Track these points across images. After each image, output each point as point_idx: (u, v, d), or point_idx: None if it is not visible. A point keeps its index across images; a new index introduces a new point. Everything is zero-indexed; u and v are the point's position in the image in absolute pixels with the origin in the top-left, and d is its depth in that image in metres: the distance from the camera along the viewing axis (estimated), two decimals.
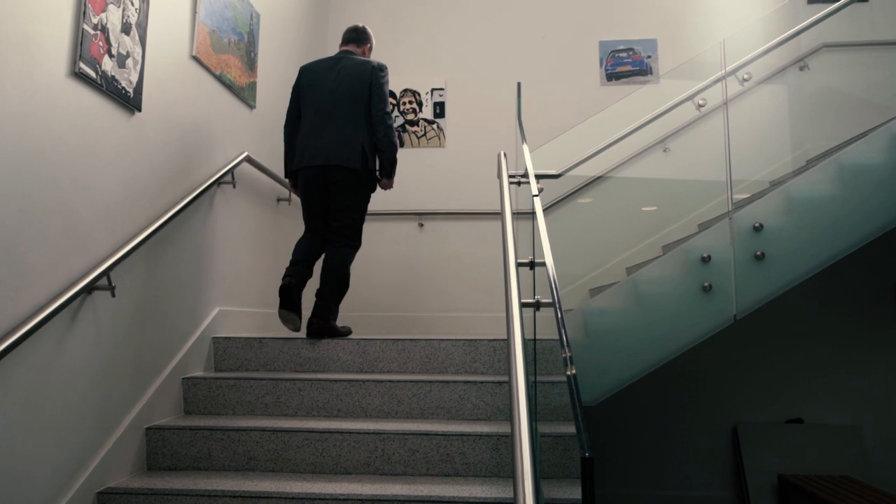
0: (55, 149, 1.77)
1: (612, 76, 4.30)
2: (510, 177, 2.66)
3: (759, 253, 2.44)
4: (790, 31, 2.99)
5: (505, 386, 2.36)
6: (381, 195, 4.24)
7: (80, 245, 1.88)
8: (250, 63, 3.13)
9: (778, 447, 3.49)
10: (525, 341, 1.46)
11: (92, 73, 1.90)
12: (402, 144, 4.37)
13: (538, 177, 2.42)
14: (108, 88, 1.98)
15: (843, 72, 3.75)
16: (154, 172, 2.29)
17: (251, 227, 3.20)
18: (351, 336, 2.78)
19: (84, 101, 1.89)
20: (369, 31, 3.07)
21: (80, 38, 1.83)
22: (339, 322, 4.15)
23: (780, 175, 3.26)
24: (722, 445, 3.60)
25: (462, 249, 4.22)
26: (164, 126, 2.36)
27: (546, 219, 2.01)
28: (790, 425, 3.55)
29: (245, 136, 3.12)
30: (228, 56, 2.88)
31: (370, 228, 4.28)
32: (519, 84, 3.32)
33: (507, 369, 2.57)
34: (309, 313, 3.62)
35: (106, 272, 1.91)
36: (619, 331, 2.50)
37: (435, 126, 4.37)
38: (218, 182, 2.72)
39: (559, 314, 1.62)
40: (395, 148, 2.85)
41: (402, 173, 4.27)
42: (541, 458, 2.09)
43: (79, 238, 1.87)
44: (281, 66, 3.61)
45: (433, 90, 4.39)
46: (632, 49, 4.30)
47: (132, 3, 2.11)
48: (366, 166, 2.77)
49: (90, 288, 1.87)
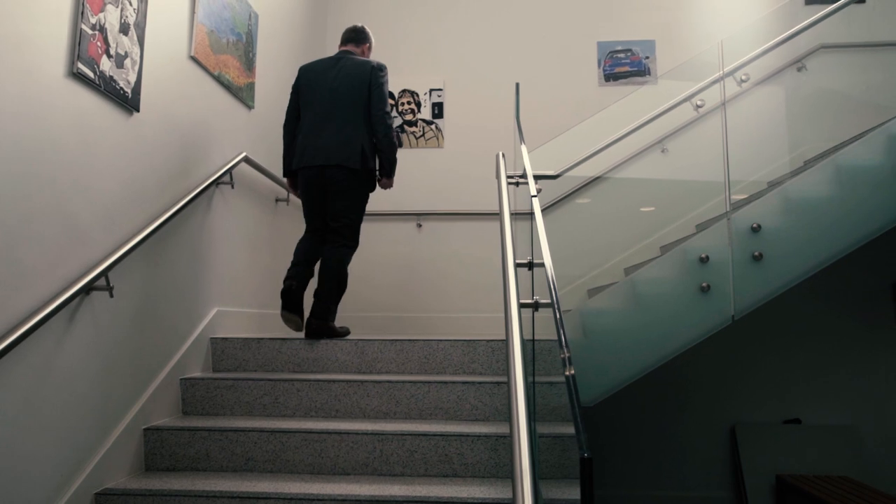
0: (53, 149, 1.77)
1: (611, 77, 4.30)
2: (509, 177, 2.66)
3: (756, 253, 2.45)
4: (788, 32, 2.99)
5: (503, 386, 2.36)
6: (380, 195, 4.23)
7: (79, 245, 1.87)
8: (248, 63, 3.13)
9: (776, 447, 3.50)
10: (524, 342, 1.46)
11: (90, 74, 1.89)
12: (400, 145, 4.36)
13: (536, 177, 2.42)
14: (107, 89, 1.98)
15: (840, 73, 3.76)
16: (152, 173, 2.29)
17: (249, 227, 3.19)
18: (349, 336, 2.78)
19: (82, 101, 1.89)
20: (368, 31, 3.07)
21: (78, 39, 1.83)
22: (338, 322, 4.14)
23: (778, 176, 3.26)
24: (720, 446, 3.60)
25: (460, 250, 4.22)
26: (163, 126, 2.36)
27: (544, 219, 2.01)
28: (788, 426, 3.55)
29: (243, 136, 3.11)
30: (227, 56, 2.88)
31: (368, 229, 4.28)
32: (517, 85, 3.32)
33: (505, 370, 2.57)
34: (308, 314, 3.61)
35: (104, 272, 1.90)
36: (618, 331, 2.50)
37: (433, 127, 4.37)
38: (216, 182, 2.72)
39: (558, 315, 1.63)
40: (394, 148, 2.85)
41: (401, 174, 4.26)
42: (539, 459, 2.09)
43: (77, 238, 1.87)
44: (279, 67, 3.61)
45: (431, 90, 4.39)
46: (630, 50, 4.30)
47: (130, 4, 2.11)
48: (366, 166, 2.77)
49: (88, 288, 1.87)
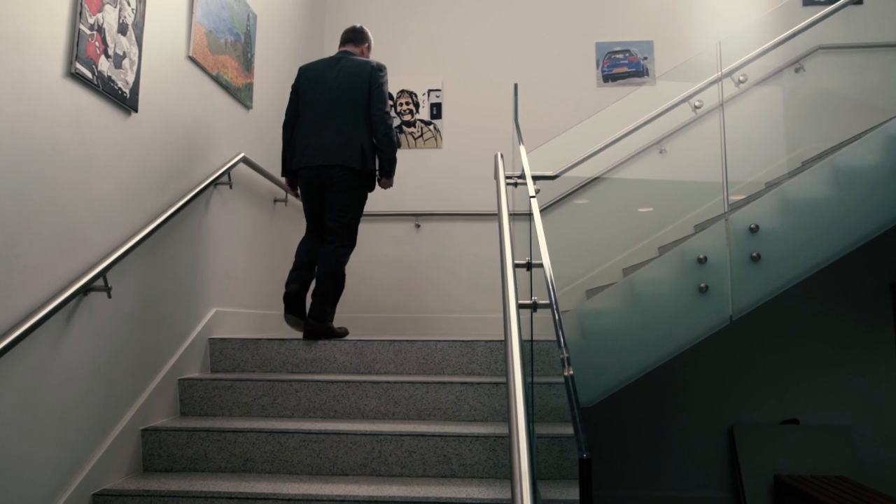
0: (51, 149, 1.77)
1: (609, 77, 4.30)
2: (507, 178, 2.66)
3: (755, 254, 2.45)
4: (786, 34, 3.00)
5: (502, 387, 2.36)
6: (379, 196, 4.24)
7: (77, 246, 1.87)
8: (247, 64, 3.13)
9: (774, 448, 3.50)
10: (522, 342, 1.46)
11: (88, 74, 1.89)
12: (399, 145, 4.36)
13: (535, 178, 2.42)
14: (105, 89, 1.98)
15: (838, 73, 3.77)
16: (151, 173, 2.28)
17: (248, 227, 3.19)
18: (348, 337, 2.78)
19: (80, 101, 1.89)
20: (367, 31, 3.06)
21: (76, 39, 1.83)
22: (336, 323, 4.13)
23: (776, 176, 3.27)
24: (718, 446, 3.61)
25: (459, 250, 4.22)
26: (161, 127, 2.36)
27: (543, 220, 2.01)
28: (786, 426, 3.56)
29: (242, 136, 3.11)
30: (225, 57, 2.87)
31: (367, 229, 4.27)
32: (516, 85, 3.32)
33: (504, 370, 2.57)
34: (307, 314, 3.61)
35: (102, 273, 1.90)
36: (616, 332, 2.51)
37: (432, 127, 4.37)
38: (214, 183, 2.72)
39: (556, 315, 1.63)
40: (394, 147, 2.85)
41: (400, 174, 4.26)
42: (538, 460, 2.09)
43: (75, 238, 1.86)
44: (277, 67, 3.61)
45: (430, 91, 4.39)
46: (628, 50, 4.31)
47: (129, 4, 2.11)
48: (366, 166, 2.77)
49: (86, 289, 1.87)
